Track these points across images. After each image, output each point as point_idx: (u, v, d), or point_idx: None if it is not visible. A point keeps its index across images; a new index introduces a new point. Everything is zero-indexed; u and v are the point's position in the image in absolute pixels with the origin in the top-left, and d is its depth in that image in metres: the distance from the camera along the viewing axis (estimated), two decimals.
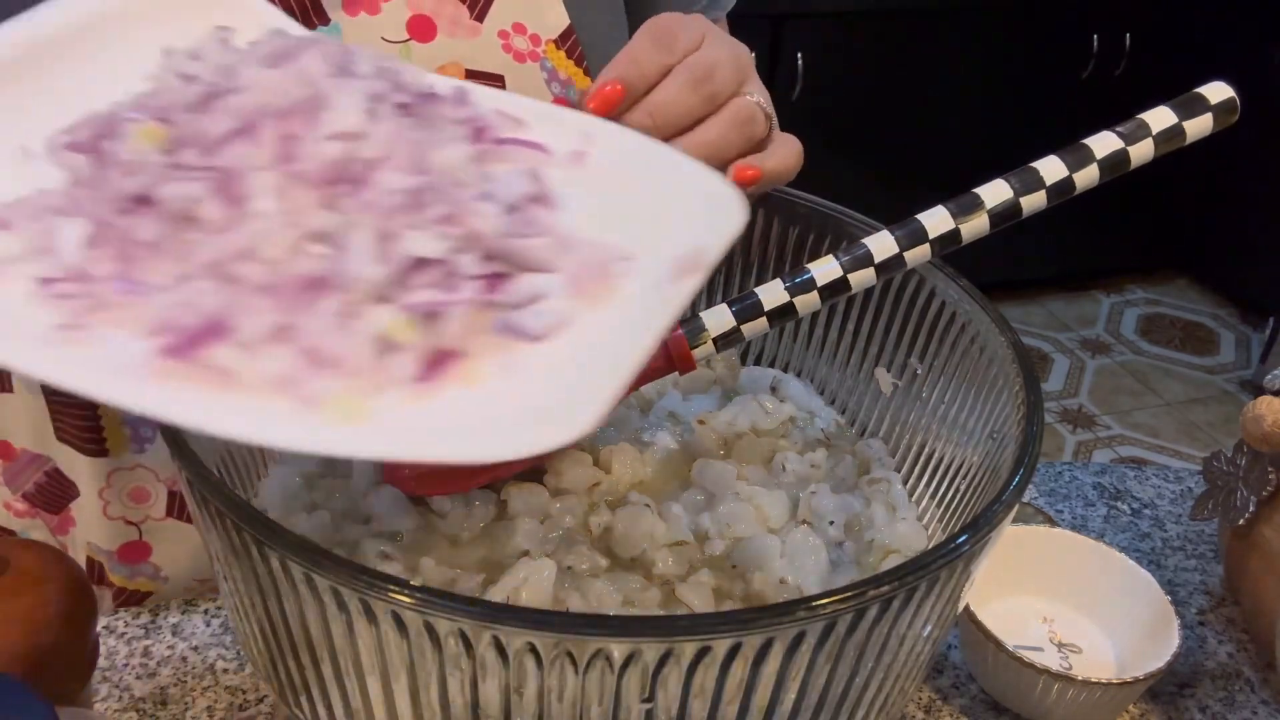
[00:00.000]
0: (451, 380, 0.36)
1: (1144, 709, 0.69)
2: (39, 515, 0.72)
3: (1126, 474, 0.90)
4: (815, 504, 0.53)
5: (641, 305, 0.40)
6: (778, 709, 0.40)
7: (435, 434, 0.35)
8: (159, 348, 0.35)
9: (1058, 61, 2.61)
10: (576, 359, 0.38)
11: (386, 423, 0.35)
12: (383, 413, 0.35)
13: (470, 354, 0.37)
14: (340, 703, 0.42)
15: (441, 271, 0.37)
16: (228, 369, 0.35)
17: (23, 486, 0.71)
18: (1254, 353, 2.80)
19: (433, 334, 0.37)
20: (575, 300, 0.39)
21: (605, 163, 0.46)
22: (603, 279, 0.40)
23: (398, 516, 0.51)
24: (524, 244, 0.40)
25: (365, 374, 0.35)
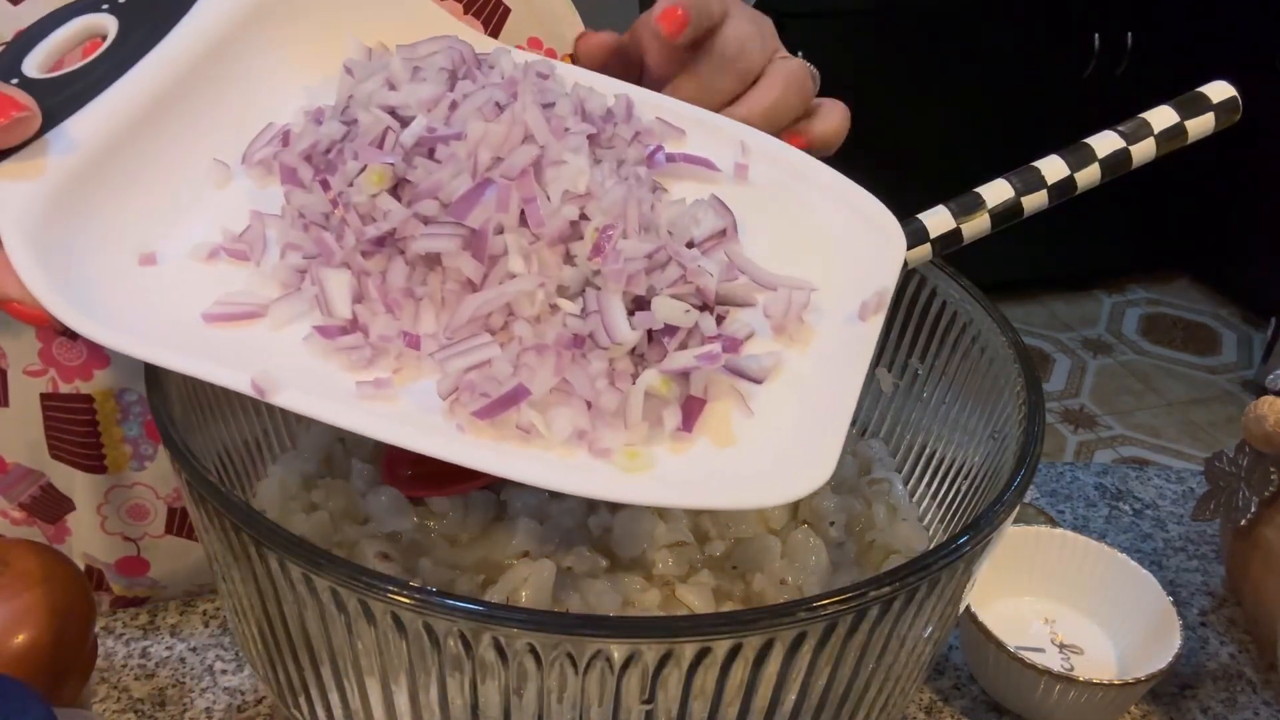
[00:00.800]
0: (702, 430, 0.42)
1: (1145, 710, 0.69)
2: (36, 524, 0.72)
3: (1128, 474, 0.90)
4: (815, 504, 0.53)
5: (840, 345, 0.45)
6: (778, 710, 0.40)
7: (715, 481, 0.40)
8: (471, 410, 0.40)
9: (1059, 61, 2.61)
10: (804, 401, 0.43)
11: (667, 470, 0.40)
12: (660, 461, 0.41)
13: (711, 399, 0.42)
14: (339, 704, 0.42)
15: (686, 333, 0.43)
16: (530, 426, 0.40)
17: (18, 497, 0.70)
18: (1256, 353, 2.80)
19: (683, 387, 0.42)
20: (779, 341, 0.45)
21: (763, 178, 0.50)
22: (797, 320, 0.45)
23: (396, 517, 0.51)
24: (731, 287, 0.45)
25: (640, 427, 0.41)
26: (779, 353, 0.44)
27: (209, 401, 0.50)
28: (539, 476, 0.39)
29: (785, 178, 0.50)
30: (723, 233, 0.46)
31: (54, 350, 0.65)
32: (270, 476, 0.54)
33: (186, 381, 0.47)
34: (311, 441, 0.56)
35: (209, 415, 0.50)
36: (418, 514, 0.51)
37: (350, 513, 0.52)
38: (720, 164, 0.50)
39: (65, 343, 0.64)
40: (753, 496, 0.40)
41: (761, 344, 0.44)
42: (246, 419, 0.54)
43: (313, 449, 0.56)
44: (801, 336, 0.45)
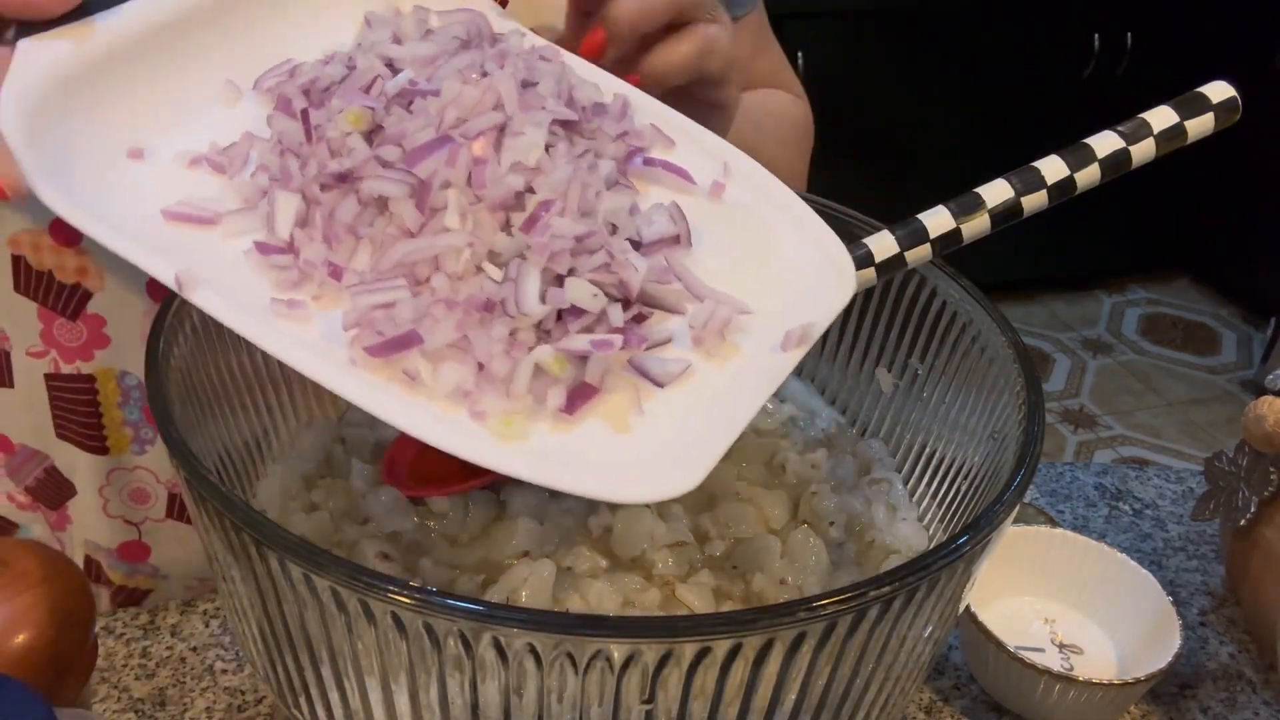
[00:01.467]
0: (589, 415, 0.42)
1: (1145, 710, 0.69)
2: (40, 509, 0.72)
3: (1128, 474, 0.90)
4: (815, 504, 0.53)
5: (753, 368, 0.45)
6: (778, 710, 0.40)
7: (577, 465, 0.40)
8: (363, 345, 0.40)
9: (1059, 61, 2.61)
10: (696, 412, 0.43)
11: (537, 445, 0.40)
12: (535, 435, 0.41)
13: (606, 389, 0.42)
14: (339, 704, 0.42)
15: (594, 319, 0.43)
16: (416, 373, 0.40)
17: (24, 480, 0.71)
18: (1255, 353, 2.80)
19: (578, 371, 0.42)
20: (696, 352, 0.45)
21: (737, 200, 0.51)
22: (721, 337, 0.45)
23: (397, 517, 0.51)
24: (661, 290, 0.45)
25: (523, 398, 0.41)
26: (690, 362, 0.44)
27: (209, 400, 0.50)
28: (409, 423, 0.39)
29: (759, 203, 0.51)
30: (675, 239, 0.47)
31: (54, 331, 0.65)
32: (270, 476, 0.54)
33: (186, 379, 0.47)
34: (312, 441, 0.56)
35: (209, 414, 0.50)
36: (418, 514, 0.51)
37: (350, 513, 0.52)
38: (699, 178, 0.51)
39: (65, 323, 0.65)
40: (609, 488, 0.40)
41: (677, 351, 0.44)
42: (247, 419, 0.54)
43: (313, 449, 0.56)
44: (720, 352, 0.45)
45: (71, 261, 0.63)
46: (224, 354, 0.52)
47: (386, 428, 0.57)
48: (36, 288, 0.64)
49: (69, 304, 0.65)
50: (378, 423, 0.57)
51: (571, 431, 0.41)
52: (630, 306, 0.44)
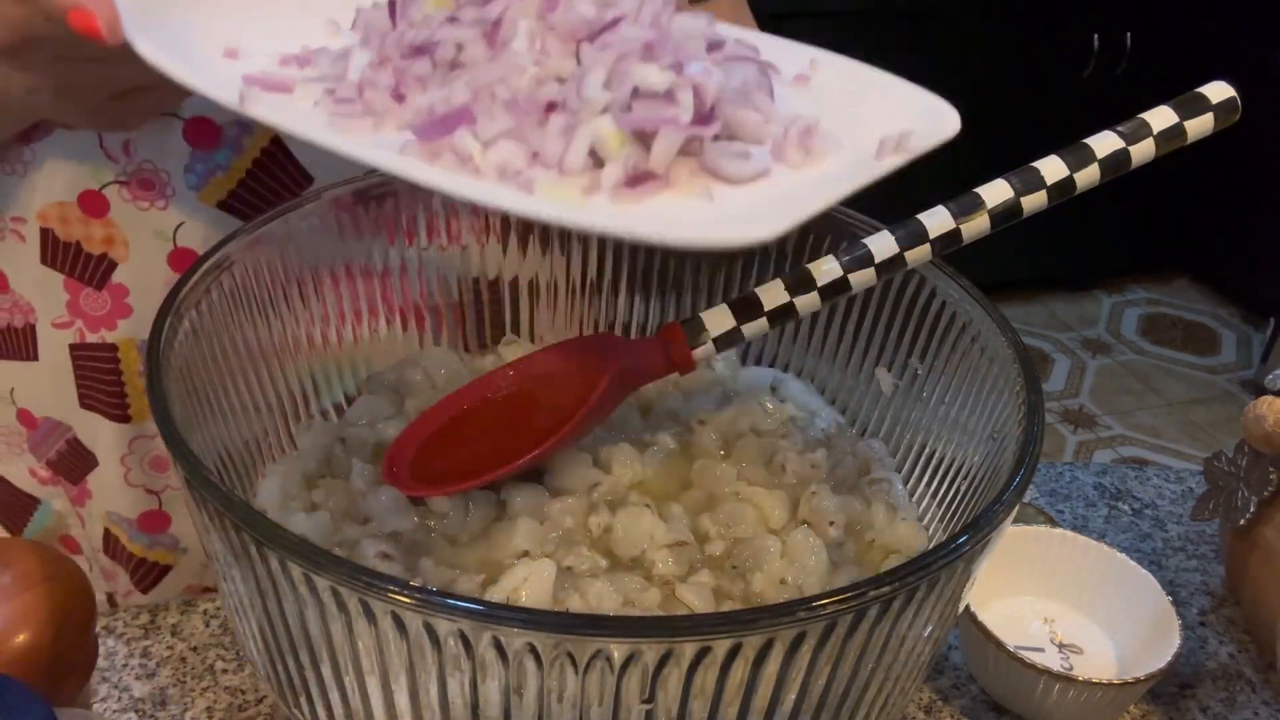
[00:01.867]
0: (651, 194, 0.39)
1: (1145, 710, 0.69)
2: (60, 483, 0.73)
3: (1127, 474, 0.90)
4: (815, 504, 0.53)
5: (837, 173, 0.41)
6: (778, 710, 0.40)
7: (641, 217, 0.38)
8: (413, 129, 0.40)
9: (1058, 61, 2.61)
10: (768, 196, 0.39)
11: (596, 210, 0.38)
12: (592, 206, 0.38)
13: (671, 182, 0.39)
14: (340, 703, 0.42)
15: (661, 102, 0.39)
16: (466, 153, 0.39)
17: (46, 454, 0.72)
18: (1255, 353, 2.80)
19: (640, 153, 0.39)
20: (776, 163, 0.41)
21: (827, 86, 0.46)
22: (804, 148, 0.41)
23: (397, 517, 0.51)
24: (740, 113, 0.41)
25: (577, 176, 0.39)
26: (769, 167, 0.41)
27: (209, 400, 0.50)
28: (452, 185, 0.38)
29: (847, 86, 0.47)
30: (758, 88, 0.43)
31: (80, 301, 0.66)
32: (271, 476, 0.54)
33: (186, 379, 0.48)
34: (312, 441, 0.56)
35: (209, 414, 0.50)
36: (418, 514, 0.51)
37: (350, 513, 0.52)
38: (784, 71, 0.46)
39: (91, 293, 0.66)
40: (678, 232, 0.37)
41: (754, 160, 0.41)
42: (247, 419, 0.54)
43: (313, 449, 0.56)
44: (803, 166, 0.41)
45: (99, 232, 0.64)
46: (224, 354, 0.52)
47: (387, 428, 0.57)
48: (64, 259, 0.65)
49: (95, 273, 0.66)
50: (378, 423, 0.58)
51: (635, 205, 0.38)
52: (706, 123, 0.40)
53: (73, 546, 0.76)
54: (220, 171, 0.64)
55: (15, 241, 0.65)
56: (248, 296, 0.54)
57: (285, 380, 0.57)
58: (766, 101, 0.43)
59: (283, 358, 0.57)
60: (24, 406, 0.70)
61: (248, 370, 0.54)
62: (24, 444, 0.72)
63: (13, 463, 0.73)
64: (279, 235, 0.55)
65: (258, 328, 0.55)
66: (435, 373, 0.61)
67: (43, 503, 0.74)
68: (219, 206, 0.64)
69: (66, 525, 0.75)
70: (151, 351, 0.45)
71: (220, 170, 0.64)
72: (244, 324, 0.54)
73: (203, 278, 0.50)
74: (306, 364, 0.58)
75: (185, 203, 0.64)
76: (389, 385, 0.61)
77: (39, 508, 0.74)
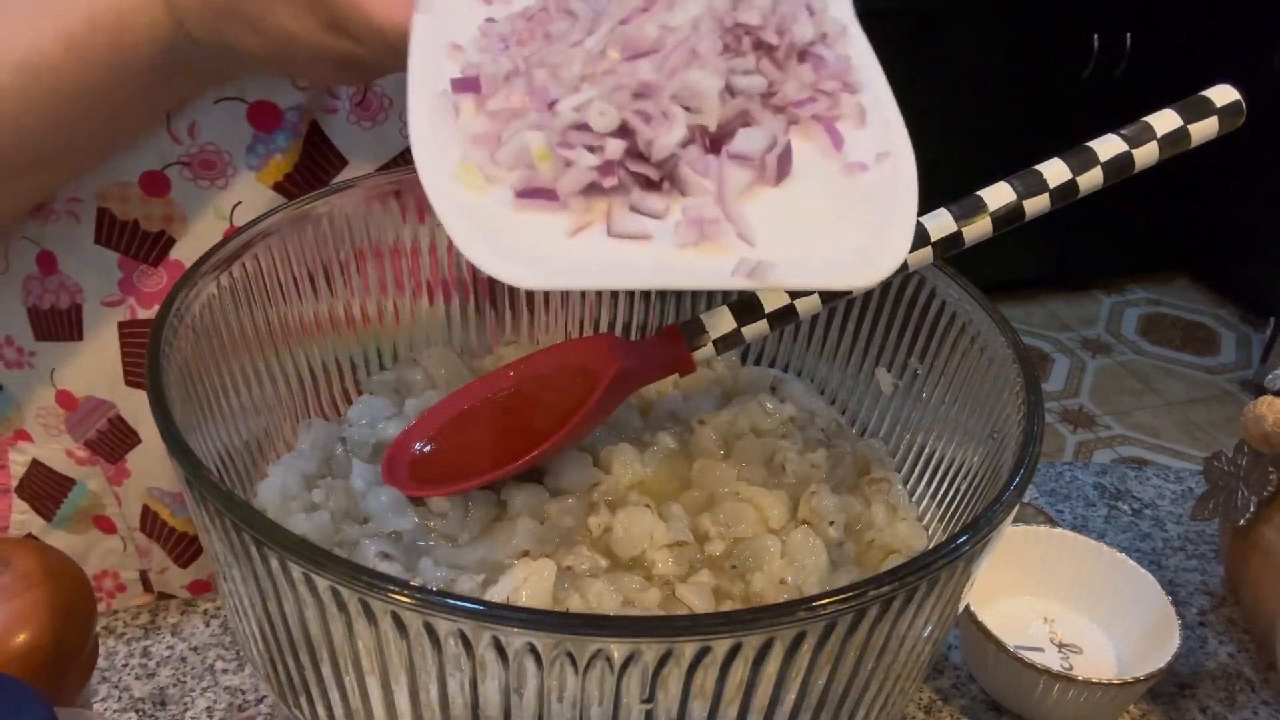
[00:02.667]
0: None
1: (1144, 709, 0.69)
2: (99, 463, 0.73)
3: (1127, 474, 0.90)
4: (815, 504, 0.53)
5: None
6: (778, 709, 0.40)
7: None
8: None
9: (1058, 61, 2.61)
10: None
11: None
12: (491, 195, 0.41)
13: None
14: (340, 703, 0.42)
15: (590, 136, 0.41)
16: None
17: (85, 434, 0.72)
18: (1255, 352, 2.80)
19: (559, 171, 0.41)
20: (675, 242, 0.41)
21: (864, 185, 0.44)
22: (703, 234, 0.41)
23: (397, 517, 0.51)
24: (687, 172, 0.42)
25: (496, 166, 0.41)
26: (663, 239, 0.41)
27: (209, 400, 0.50)
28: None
29: (878, 195, 0.44)
30: (755, 166, 0.43)
31: (135, 278, 0.67)
32: (271, 476, 0.54)
33: (186, 379, 0.48)
34: (312, 441, 0.56)
35: (209, 414, 0.50)
36: (418, 514, 0.51)
37: (351, 512, 0.52)
38: (850, 151, 0.45)
39: (147, 270, 0.67)
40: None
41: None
42: (247, 419, 0.54)
43: (313, 449, 0.56)
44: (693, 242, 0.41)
45: (158, 210, 0.65)
46: (224, 354, 0.52)
47: (387, 428, 0.57)
48: (119, 237, 0.66)
49: (152, 250, 0.67)
50: (378, 423, 0.58)
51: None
52: (644, 162, 0.41)
53: (106, 526, 0.76)
54: (279, 154, 0.65)
55: (70, 222, 0.65)
56: (248, 293, 0.54)
57: (287, 378, 0.57)
58: (730, 177, 0.42)
59: (285, 352, 0.57)
60: (64, 387, 0.70)
61: (248, 370, 0.54)
62: (61, 425, 0.72)
63: (48, 445, 0.73)
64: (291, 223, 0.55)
65: (258, 322, 0.55)
66: (435, 373, 0.61)
67: (78, 483, 0.74)
68: (274, 188, 0.66)
69: (102, 505, 0.75)
70: (152, 351, 0.45)
71: (279, 152, 0.65)
72: (246, 317, 0.54)
73: (203, 276, 0.50)
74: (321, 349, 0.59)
75: (244, 183, 0.65)
76: (389, 385, 0.61)
77: (73, 489, 0.74)
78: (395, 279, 0.62)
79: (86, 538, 0.77)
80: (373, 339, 0.62)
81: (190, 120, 0.63)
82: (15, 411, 0.72)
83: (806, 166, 0.43)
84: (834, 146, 0.44)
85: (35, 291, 0.67)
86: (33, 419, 0.72)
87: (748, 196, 0.41)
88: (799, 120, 0.45)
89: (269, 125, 0.65)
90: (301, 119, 0.66)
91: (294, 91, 0.65)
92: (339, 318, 0.59)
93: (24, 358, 0.70)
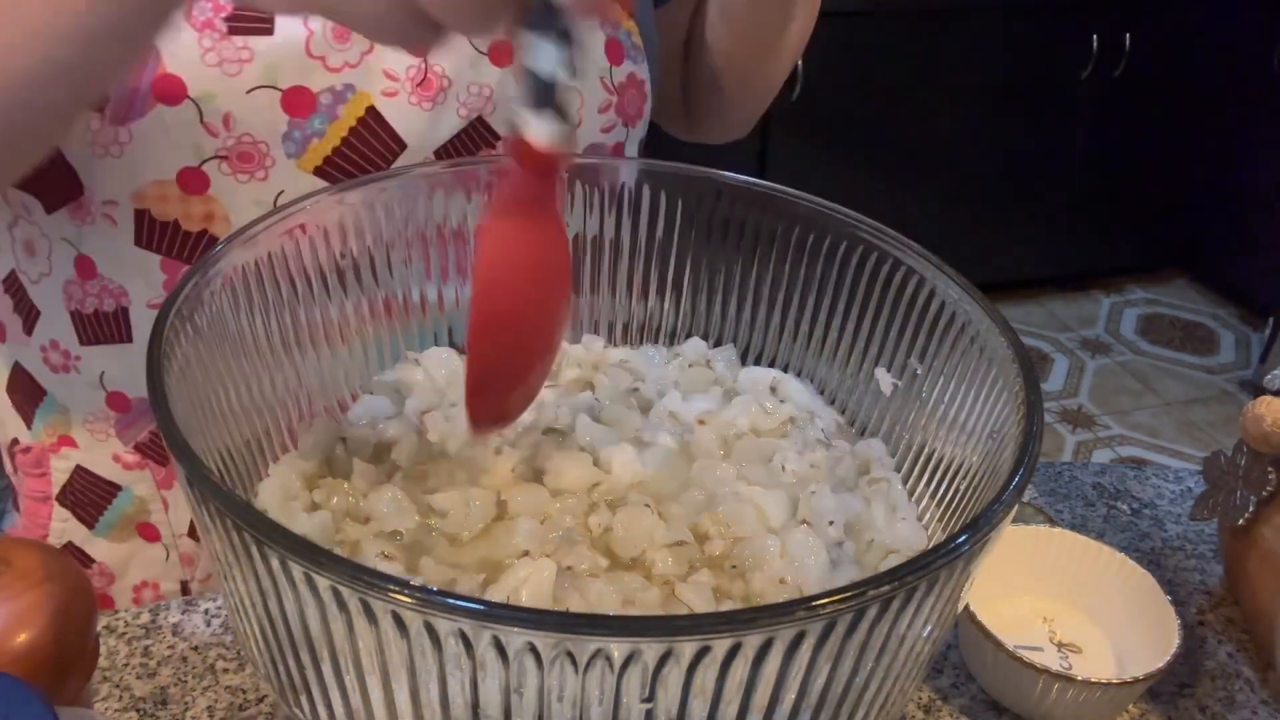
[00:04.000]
0: None
1: (1144, 709, 0.69)
2: (148, 467, 0.73)
3: (1126, 474, 0.90)
4: (815, 504, 0.53)
5: None
6: (778, 709, 0.40)
7: None
8: None
9: (1058, 61, 2.61)
10: None
11: None
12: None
13: None
14: (340, 703, 0.42)
15: None
16: None
17: (135, 436, 0.72)
18: (1254, 352, 2.80)
19: None
20: None
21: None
22: None
23: (397, 517, 0.51)
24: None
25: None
26: None
27: (209, 400, 0.50)
28: None
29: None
30: None
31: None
32: (271, 476, 0.54)
33: (186, 379, 0.48)
34: (312, 441, 0.56)
35: (210, 414, 0.50)
36: (419, 513, 0.51)
37: (351, 512, 0.52)
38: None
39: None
40: None
41: None
42: (247, 419, 0.54)
43: (313, 449, 0.56)
44: None
45: (198, 209, 0.65)
46: (224, 354, 0.52)
47: (387, 428, 0.57)
48: (160, 239, 0.65)
49: (195, 250, 0.66)
50: (378, 423, 0.58)
51: None
52: None
53: (150, 534, 0.76)
54: (316, 138, 0.65)
55: (107, 225, 0.65)
56: (248, 294, 0.54)
57: (286, 378, 0.57)
58: None
59: (285, 353, 0.57)
60: (115, 390, 0.70)
61: (248, 370, 0.54)
62: (110, 429, 0.72)
63: (96, 450, 0.73)
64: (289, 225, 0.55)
65: (259, 323, 0.55)
66: (435, 373, 0.61)
67: (124, 489, 0.74)
68: (315, 173, 0.65)
69: (147, 511, 0.75)
70: (152, 351, 0.45)
71: (316, 136, 0.65)
72: (245, 318, 0.54)
73: (204, 277, 0.50)
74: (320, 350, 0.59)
75: (284, 171, 0.65)
76: (389, 385, 0.61)
77: (119, 494, 0.74)
78: (396, 280, 0.62)
79: (129, 545, 0.76)
80: (373, 339, 0.62)
81: (224, 110, 0.62)
82: (61, 417, 0.72)
83: None
84: None
85: (76, 296, 0.67)
86: (80, 424, 0.72)
87: None
88: None
89: (303, 110, 0.64)
90: (338, 102, 0.65)
91: (325, 73, 0.64)
92: (342, 319, 0.60)
93: (70, 361, 0.69)
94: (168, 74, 0.61)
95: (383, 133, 0.66)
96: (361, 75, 0.65)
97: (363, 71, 0.65)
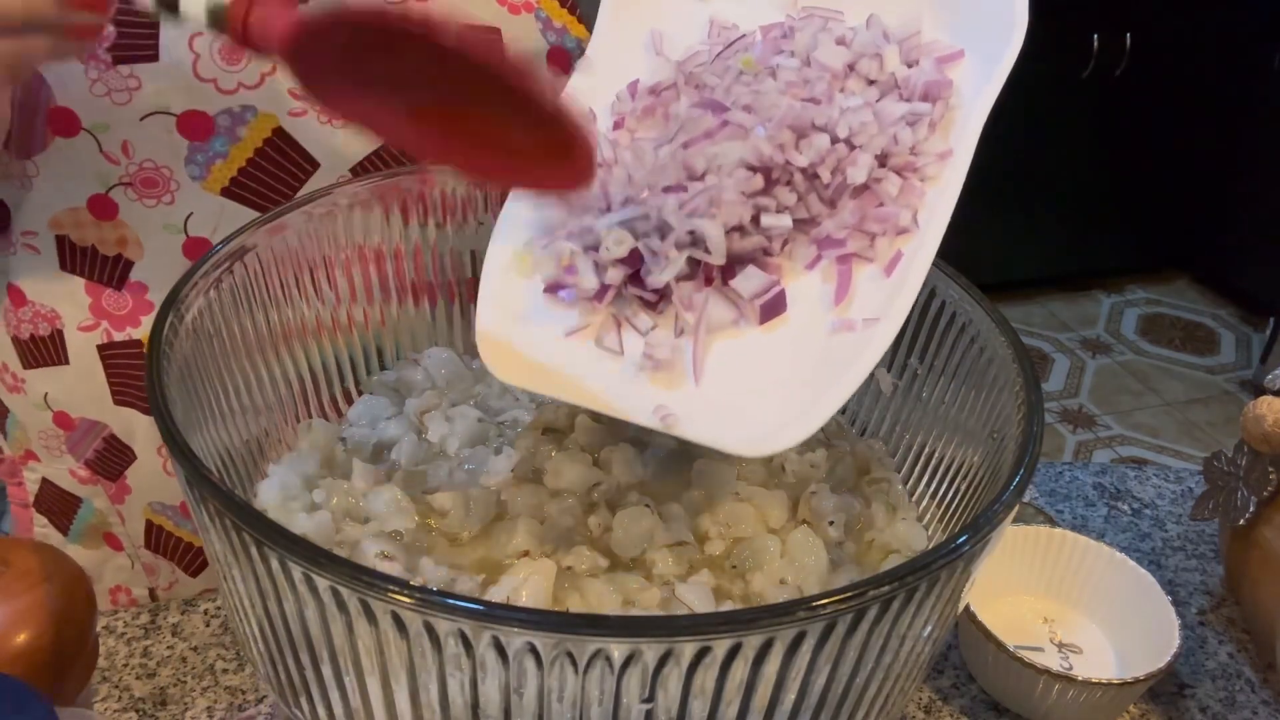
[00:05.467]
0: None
1: (1144, 709, 0.69)
2: (99, 481, 0.74)
3: (1127, 474, 0.90)
4: (815, 504, 0.53)
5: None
6: (778, 709, 0.40)
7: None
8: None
9: (1058, 61, 2.61)
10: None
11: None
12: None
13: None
14: (340, 703, 0.42)
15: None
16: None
17: (84, 454, 0.73)
18: (1254, 353, 2.80)
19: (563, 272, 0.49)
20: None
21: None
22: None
23: (397, 517, 0.51)
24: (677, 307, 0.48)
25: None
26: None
27: (209, 400, 0.50)
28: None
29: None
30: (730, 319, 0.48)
31: (103, 302, 0.67)
32: (271, 476, 0.54)
33: (186, 379, 0.48)
34: (312, 441, 0.56)
35: (209, 414, 0.50)
36: (418, 513, 0.51)
37: (351, 512, 0.52)
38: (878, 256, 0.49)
39: (112, 294, 0.67)
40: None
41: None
42: (247, 419, 0.54)
43: (313, 449, 0.56)
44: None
45: (111, 234, 0.65)
46: (224, 354, 0.52)
47: (387, 428, 0.57)
48: (81, 263, 0.66)
49: (113, 275, 0.67)
50: (378, 422, 0.58)
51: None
52: (644, 286, 0.47)
53: (115, 544, 0.77)
54: (219, 159, 0.64)
55: (29, 254, 0.66)
56: (248, 292, 0.54)
57: (287, 378, 0.57)
58: (704, 316, 0.47)
59: (284, 353, 0.57)
60: (60, 409, 0.71)
61: (247, 370, 0.54)
62: (62, 445, 0.72)
63: (54, 464, 0.74)
64: (292, 225, 0.55)
65: (258, 324, 0.55)
66: (435, 373, 0.61)
67: (84, 501, 0.75)
68: (223, 194, 0.65)
69: (108, 523, 0.76)
70: (152, 352, 0.45)
71: (219, 158, 0.64)
72: (245, 319, 0.54)
73: (201, 277, 0.50)
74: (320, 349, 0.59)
75: (191, 194, 0.65)
76: (389, 385, 0.61)
77: (81, 506, 0.75)
78: (398, 280, 0.62)
79: (100, 553, 0.77)
80: (373, 339, 0.62)
81: (120, 138, 0.62)
82: (22, 433, 0.73)
83: (801, 312, 0.48)
84: (835, 300, 0.48)
85: (13, 322, 0.68)
86: (36, 440, 0.73)
87: (727, 332, 0.47)
88: (822, 257, 0.48)
89: (202, 134, 0.63)
90: (237, 123, 0.64)
91: (219, 95, 0.63)
92: (340, 319, 0.59)
93: (18, 383, 0.70)
94: (59, 107, 0.61)
95: (293, 152, 0.65)
96: (264, 96, 0.64)
97: (265, 92, 0.64)
